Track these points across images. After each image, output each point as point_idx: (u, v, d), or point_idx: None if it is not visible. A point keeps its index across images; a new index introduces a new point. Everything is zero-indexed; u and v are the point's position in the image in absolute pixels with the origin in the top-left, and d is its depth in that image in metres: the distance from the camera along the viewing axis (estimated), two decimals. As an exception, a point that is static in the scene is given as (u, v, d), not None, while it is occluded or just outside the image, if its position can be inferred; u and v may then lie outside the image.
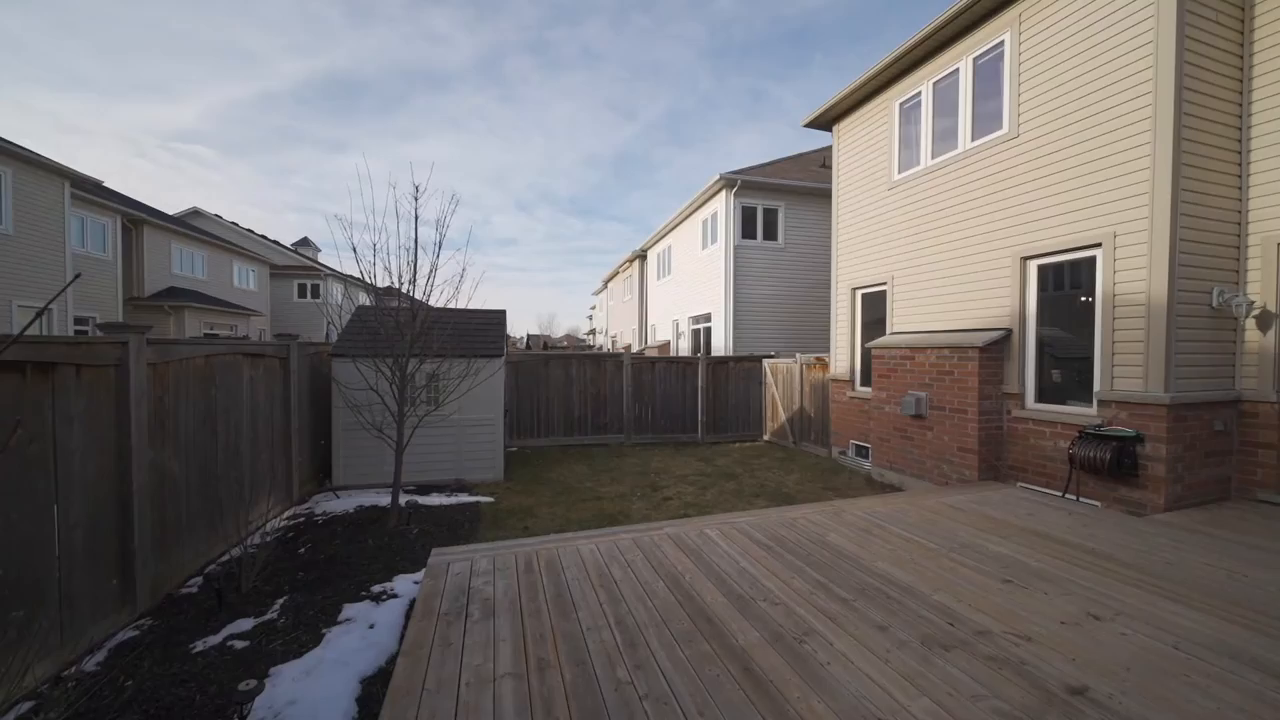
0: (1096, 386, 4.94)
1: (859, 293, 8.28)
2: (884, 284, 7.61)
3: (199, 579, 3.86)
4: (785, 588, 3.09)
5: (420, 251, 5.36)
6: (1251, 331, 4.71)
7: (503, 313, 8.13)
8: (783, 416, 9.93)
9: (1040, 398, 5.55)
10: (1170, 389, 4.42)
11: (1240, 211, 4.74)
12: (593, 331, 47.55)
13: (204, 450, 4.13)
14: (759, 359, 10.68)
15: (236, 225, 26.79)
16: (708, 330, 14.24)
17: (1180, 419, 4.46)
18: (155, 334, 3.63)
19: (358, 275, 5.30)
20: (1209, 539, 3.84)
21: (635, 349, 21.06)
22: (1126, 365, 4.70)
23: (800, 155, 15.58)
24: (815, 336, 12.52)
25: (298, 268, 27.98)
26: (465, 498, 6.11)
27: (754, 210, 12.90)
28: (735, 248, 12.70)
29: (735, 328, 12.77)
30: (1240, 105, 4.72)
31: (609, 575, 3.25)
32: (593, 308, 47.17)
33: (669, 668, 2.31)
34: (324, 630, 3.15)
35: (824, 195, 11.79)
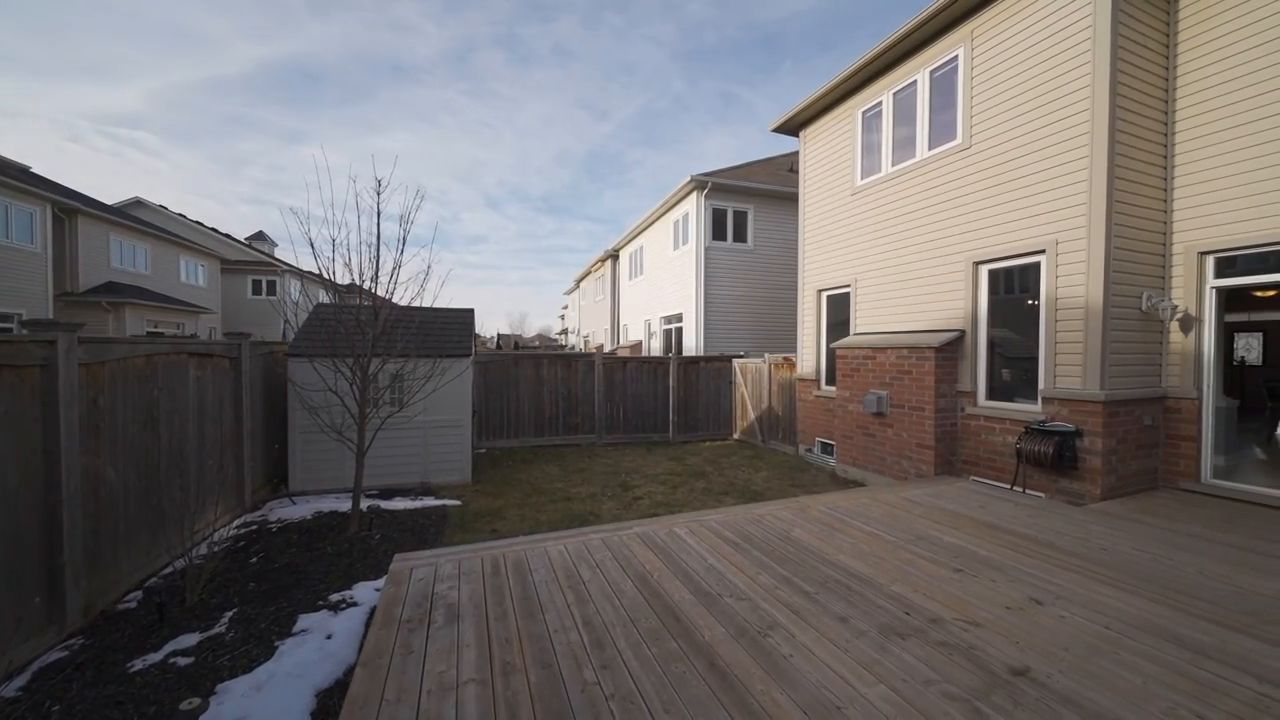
0: (1041, 384, 5.25)
1: (824, 294, 8.51)
2: (848, 286, 7.85)
3: (139, 593, 3.62)
4: (751, 583, 3.15)
5: (383, 247, 5.20)
6: (1175, 333, 5.10)
7: (470, 311, 7.96)
8: (752, 415, 10.11)
9: (991, 395, 5.85)
10: (1105, 387, 4.74)
11: (1166, 222, 5.13)
12: (565, 331, 47.17)
13: (145, 455, 3.88)
14: (729, 359, 10.84)
15: (184, 217, 25.29)
16: (679, 330, 14.35)
17: (1114, 414, 4.79)
18: (91, 332, 3.39)
19: (317, 271, 5.09)
20: (1138, 526, 4.14)
21: (608, 349, 21.02)
22: (1067, 364, 5.01)
23: (769, 159, 15.90)
24: (783, 337, 12.80)
25: (252, 263, 26.62)
26: (431, 501, 5.95)
27: (724, 212, 13.09)
28: (706, 249, 12.85)
29: (706, 328, 12.92)
30: (1165, 126, 5.11)
31: (577, 576, 3.24)
32: (565, 307, 46.79)
33: (635, 666, 2.32)
34: (277, 643, 3.01)
35: (791, 199, 12.07)
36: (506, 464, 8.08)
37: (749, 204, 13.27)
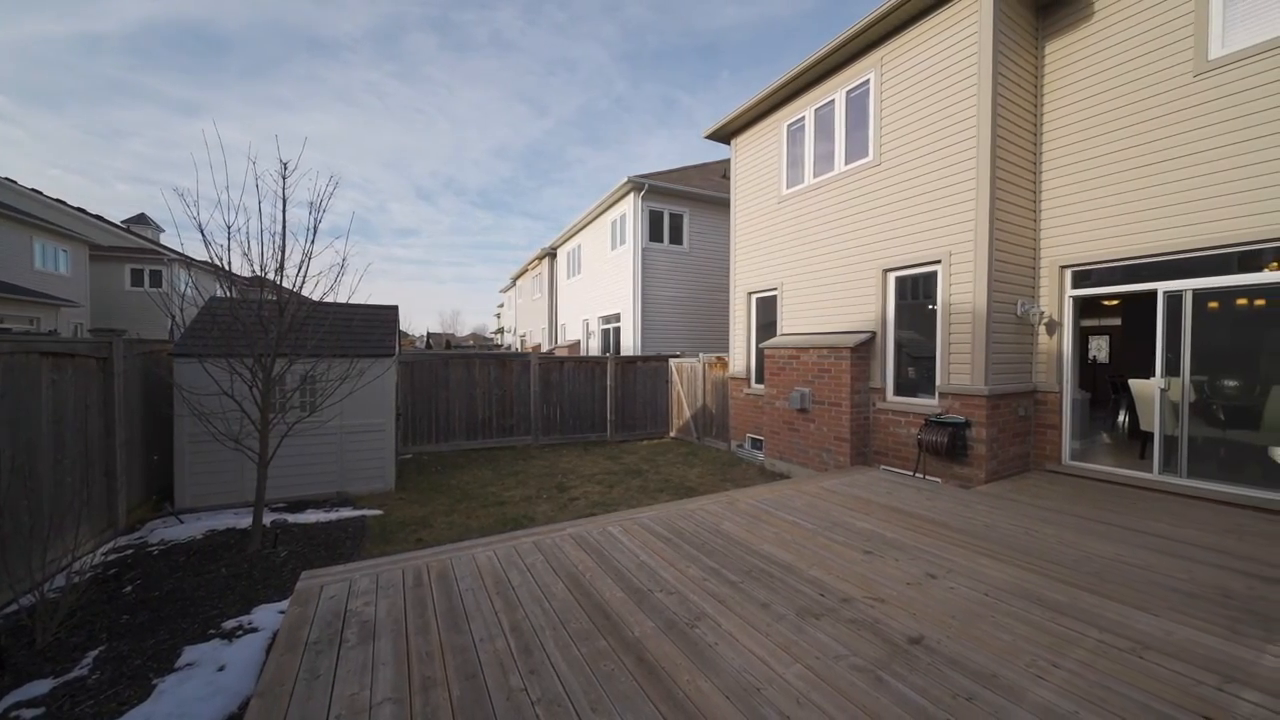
0: (938, 381, 5.84)
1: (754, 297, 8.92)
2: (775, 289, 8.28)
3: (-31, 638, 3.04)
4: (681, 577, 3.23)
5: (292, 237, 4.75)
6: (1043, 336, 5.88)
7: (394, 309, 7.49)
8: (687, 413, 10.37)
9: (898, 391, 6.42)
10: (988, 382, 5.37)
11: (1035, 239, 5.91)
12: (500, 330, 45.72)
13: (-22, 475, 3.26)
14: (665, 358, 11.04)
15: (40, 193, 21.56)
16: (617, 330, 14.40)
17: (996, 407, 5.44)
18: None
19: (212, 261, 4.55)
20: (1014, 504, 4.73)
21: (545, 349, 20.62)
22: (959, 363, 5.62)
23: (704, 165, 16.35)
24: (716, 337, 13.26)
25: (131, 250, 23.26)
26: (348, 512, 5.53)
27: (661, 214, 13.31)
28: (644, 249, 13.00)
29: (644, 328, 13.06)
30: (1035, 156, 5.88)
31: (506, 582, 3.15)
32: (501, 306, 45.33)
33: (564, 668, 2.30)
34: (155, 681, 2.66)
35: (724, 204, 12.52)
36: (435, 469, 7.68)
37: (685, 207, 13.59)
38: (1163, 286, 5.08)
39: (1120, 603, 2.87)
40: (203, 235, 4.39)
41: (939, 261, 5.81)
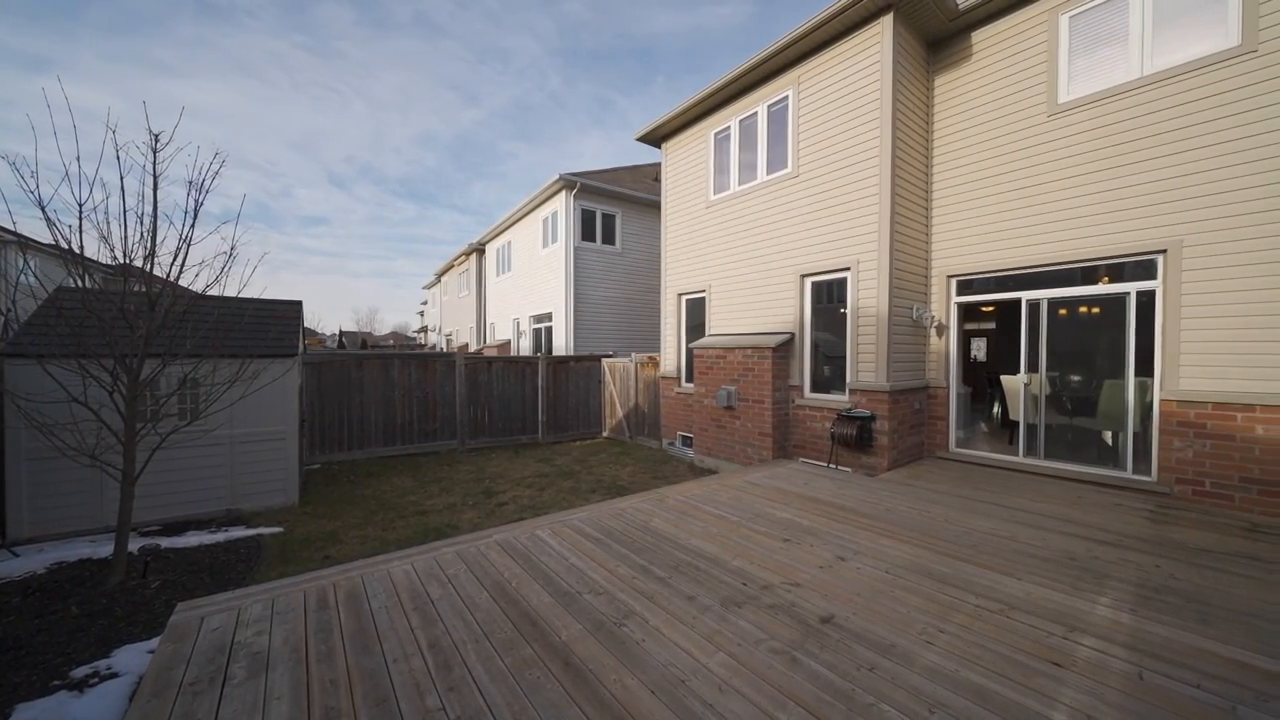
0: (848, 378, 6.35)
1: (684, 298, 9.15)
2: (704, 291, 8.55)
3: None
4: (611, 576, 3.23)
5: (165, 220, 4.13)
6: (933, 337, 6.60)
7: (297, 304, 6.80)
8: (620, 413, 10.42)
9: (814, 388, 6.89)
10: (890, 380, 5.93)
11: (927, 253, 6.61)
12: (424, 329, 43.16)
13: None
14: (598, 358, 11.00)
15: None
16: (549, 330, 14.13)
17: (896, 402, 6.01)
18: None
19: (59, 244, 3.84)
20: (910, 488, 5.26)
21: (474, 348, 19.75)
22: (865, 362, 6.14)
23: (637, 167, 16.51)
24: (649, 337, 13.45)
25: (-56, 227, 19.01)
26: (241, 532, 4.93)
27: (593, 214, 13.25)
28: (575, 248, 12.87)
29: (576, 327, 12.93)
30: (927, 177, 6.58)
31: (425, 596, 2.98)
32: (424, 303, 42.73)
33: (486, 681, 2.21)
34: (-26, 750, 2.20)
35: (657, 206, 12.74)
36: (347, 479, 7.08)
37: (617, 208, 13.63)
38: (1025, 295, 5.90)
39: (993, 570, 3.29)
40: (44, 213, 3.70)
41: (849, 269, 6.32)
